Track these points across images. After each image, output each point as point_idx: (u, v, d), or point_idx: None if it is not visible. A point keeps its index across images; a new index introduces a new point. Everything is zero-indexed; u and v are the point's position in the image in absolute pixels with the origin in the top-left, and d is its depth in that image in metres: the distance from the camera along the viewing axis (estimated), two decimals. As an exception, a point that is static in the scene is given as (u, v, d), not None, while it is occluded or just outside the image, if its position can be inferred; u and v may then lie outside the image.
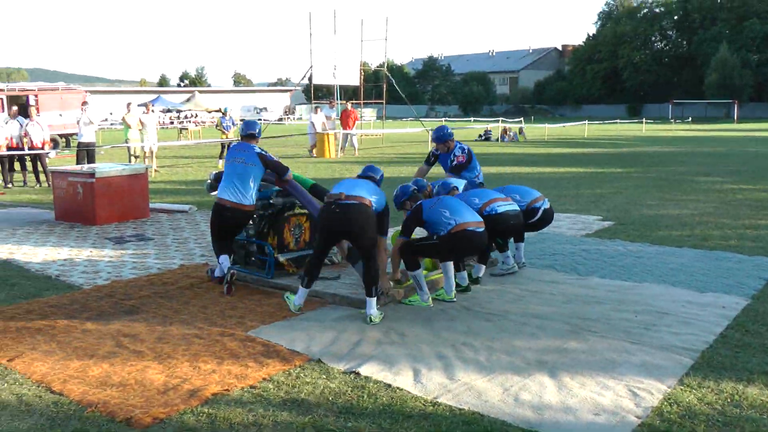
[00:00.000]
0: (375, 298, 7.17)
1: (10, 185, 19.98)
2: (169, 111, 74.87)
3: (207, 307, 7.64)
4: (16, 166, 20.89)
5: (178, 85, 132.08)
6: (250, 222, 8.96)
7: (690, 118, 77.05)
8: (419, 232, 8.00)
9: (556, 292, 8.09)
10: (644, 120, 66.48)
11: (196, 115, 76.47)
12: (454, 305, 7.59)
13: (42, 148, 20.34)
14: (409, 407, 5.04)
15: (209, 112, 76.79)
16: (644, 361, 5.89)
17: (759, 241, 10.93)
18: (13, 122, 20.39)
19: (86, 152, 20.93)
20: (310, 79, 38.56)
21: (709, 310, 7.30)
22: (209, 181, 9.27)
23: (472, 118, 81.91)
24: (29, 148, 20.19)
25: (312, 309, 7.49)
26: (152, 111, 25.15)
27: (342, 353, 6.16)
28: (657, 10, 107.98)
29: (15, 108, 21.85)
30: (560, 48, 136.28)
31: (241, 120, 21.57)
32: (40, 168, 20.52)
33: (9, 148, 19.89)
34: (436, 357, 6.05)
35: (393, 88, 45.13)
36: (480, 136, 44.70)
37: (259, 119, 72.75)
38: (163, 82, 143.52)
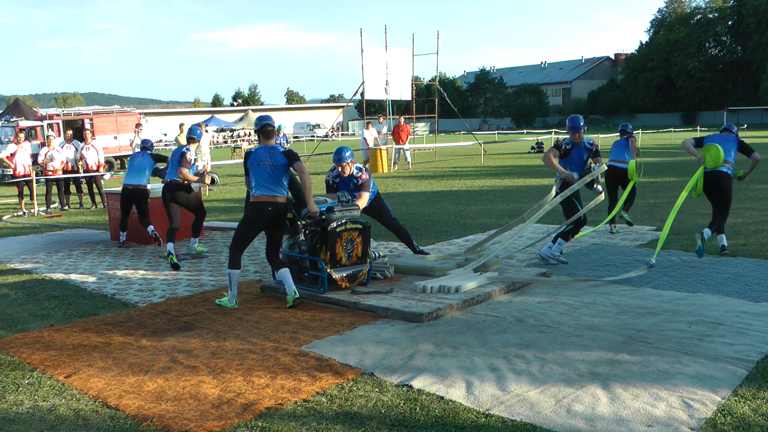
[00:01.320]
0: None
1: (66, 207, 20.39)
2: (222, 130, 75.57)
3: (260, 322, 7.72)
4: (72, 188, 21.31)
5: (231, 105, 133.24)
6: (302, 237, 9.06)
7: (745, 126, 75.87)
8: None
9: (609, 303, 8.04)
10: (698, 128, 65.68)
11: (249, 134, 77.13)
12: (506, 317, 7.58)
13: (97, 171, 20.73)
14: (461, 419, 5.05)
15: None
16: (698, 372, 5.83)
17: (817, 249, 10.75)
18: (69, 146, 20.85)
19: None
20: (362, 94, 38.70)
21: (764, 320, 7.20)
22: None
23: (525, 131, 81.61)
24: (84, 171, 20.60)
25: (365, 323, 7.53)
26: (206, 131, 25.48)
27: (394, 366, 6.19)
28: (711, 16, 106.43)
29: (70, 132, 22.28)
30: (613, 57, 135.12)
31: (294, 137, 21.78)
32: (95, 190, 20.91)
33: (65, 171, 20.32)
34: (489, 369, 6.05)
35: (445, 102, 45.18)
36: (532, 148, 44.50)
37: (312, 137, 73.29)
38: (216, 101, 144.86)
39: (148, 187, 13.05)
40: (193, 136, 12.63)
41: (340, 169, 9.98)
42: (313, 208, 8.53)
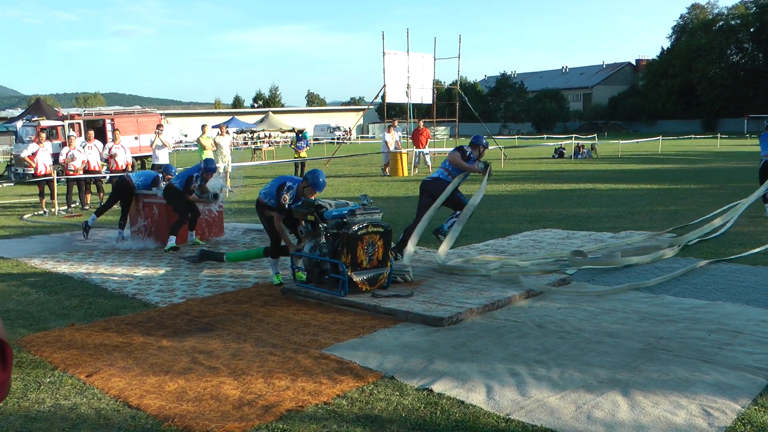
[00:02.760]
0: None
1: (87, 207, 20.49)
2: (243, 132, 75.83)
3: (281, 324, 7.75)
4: (93, 188, 21.45)
5: (252, 106, 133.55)
6: (324, 240, 9.10)
7: (766, 134, 75.48)
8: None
9: (630, 310, 8.01)
10: (719, 135, 65.36)
11: (270, 135, 77.34)
12: (526, 322, 7.58)
13: (126, 170, 20.92)
14: (481, 424, 5.06)
15: (283, 132, 77.62)
16: (718, 380, 5.81)
17: (839, 258, 10.70)
18: (90, 146, 20.97)
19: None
20: (383, 97, 38.74)
21: (785, 329, 7.17)
22: None
23: (545, 136, 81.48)
24: (114, 170, 20.79)
25: (385, 326, 7.55)
26: (227, 132, 25.63)
27: (415, 370, 6.20)
28: (733, 23, 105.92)
29: (92, 132, 22.44)
30: (634, 63, 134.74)
31: (315, 140, 22.00)
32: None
33: (86, 171, 20.45)
34: (509, 374, 6.05)
35: (466, 106, 45.17)
36: (556, 151, 44.46)
37: (332, 140, 73.36)
38: (237, 103, 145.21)
39: (135, 181, 14.09)
40: (207, 175, 13.23)
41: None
42: None
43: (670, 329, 7.23)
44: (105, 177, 21.51)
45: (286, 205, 9.46)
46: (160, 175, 13.76)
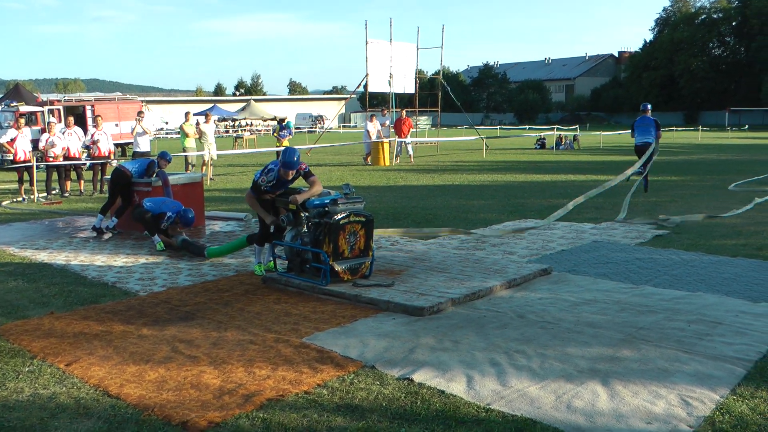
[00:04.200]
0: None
1: (66, 194, 20.36)
2: (224, 120, 75.59)
3: (262, 313, 7.73)
4: (73, 175, 21.30)
5: (234, 94, 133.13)
6: (305, 230, 9.08)
7: (747, 126, 75.92)
8: None
9: (610, 300, 8.04)
10: (700, 128, 65.67)
11: (251, 124, 77.11)
12: (507, 312, 7.59)
13: (108, 157, 20.80)
14: (462, 413, 5.07)
15: (264, 120, 77.44)
16: (697, 370, 5.85)
17: (817, 250, 10.78)
18: (71, 132, 20.82)
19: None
20: (365, 87, 38.68)
21: (763, 320, 7.21)
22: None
23: (527, 126, 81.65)
24: (96, 156, 20.68)
25: (366, 316, 7.55)
26: (213, 120, 25.54)
27: (396, 360, 6.20)
28: (715, 16, 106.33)
29: (71, 118, 22.28)
30: (616, 54, 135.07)
31: (297, 128, 21.96)
32: (99, 177, 20.95)
33: (66, 158, 20.30)
34: (490, 364, 6.07)
35: (448, 95, 45.11)
36: (537, 141, 44.57)
37: (311, 130, 73.23)
38: (219, 91, 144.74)
39: (130, 169, 13.51)
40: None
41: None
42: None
43: (650, 320, 7.27)
44: (85, 164, 21.35)
45: (263, 187, 9.38)
46: (155, 161, 13.48)
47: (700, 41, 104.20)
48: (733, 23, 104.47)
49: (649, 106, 20.23)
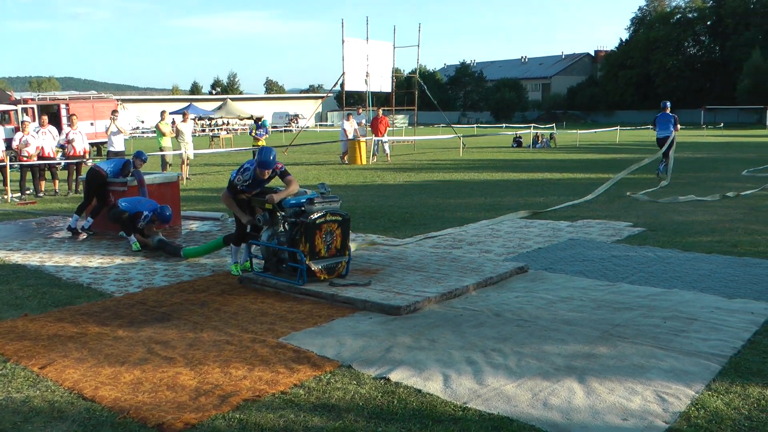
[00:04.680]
0: None
1: (41, 194, 20.20)
2: (200, 119, 75.33)
3: (238, 314, 7.71)
4: (47, 175, 21.14)
5: (210, 93, 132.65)
6: (282, 229, 9.06)
7: (722, 124, 76.38)
8: None
9: (586, 298, 8.08)
10: (651, 127, 65.98)
11: (228, 123, 76.87)
12: (483, 311, 7.60)
13: (83, 157, 20.66)
14: (438, 412, 5.07)
15: (241, 119, 77.22)
16: (672, 366, 5.88)
17: (790, 247, 10.87)
18: (45, 132, 20.64)
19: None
20: (342, 85, 38.65)
21: (738, 316, 7.27)
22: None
23: (504, 125, 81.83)
24: (71, 156, 20.52)
25: (343, 315, 7.54)
26: (190, 120, 25.41)
27: (372, 359, 6.20)
28: (690, 16, 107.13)
29: (45, 117, 22.10)
30: (593, 54, 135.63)
31: (273, 127, 21.85)
32: (74, 177, 20.80)
33: (40, 158, 20.13)
34: (466, 362, 6.07)
35: (425, 94, 45.16)
36: (514, 139, 44.69)
37: (287, 129, 73.08)
38: (195, 89, 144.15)
39: (106, 169, 13.39)
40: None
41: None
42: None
43: (627, 317, 7.30)
44: (60, 164, 21.20)
45: (239, 186, 9.35)
46: (131, 161, 13.37)
47: (675, 40, 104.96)
48: (708, 23, 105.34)
49: (668, 104, 22.93)
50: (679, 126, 22.74)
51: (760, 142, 45.49)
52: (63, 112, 35.55)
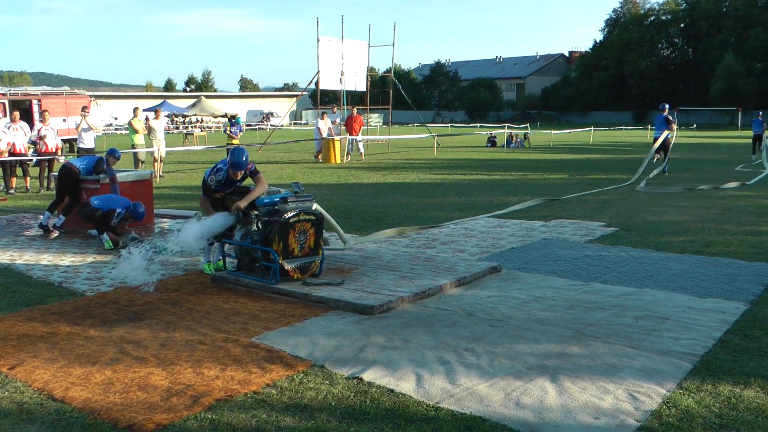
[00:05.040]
0: None
1: (12, 191, 19.97)
2: (174, 116, 74.99)
3: (211, 313, 7.67)
4: (18, 172, 20.92)
5: (184, 90, 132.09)
6: (255, 228, 9.03)
7: (695, 125, 76.98)
8: None
9: (559, 297, 8.10)
10: (649, 126, 66.36)
11: (202, 120, 76.58)
12: (456, 311, 7.61)
13: (55, 153, 20.48)
14: (411, 412, 5.06)
15: (215, 117, 76.96)
16: (644, 365, 5.91)
17: (759, 247, 10.95)
18: (16, 128, 20.38)
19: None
20: (316, 84, 38.61)
21: (710, 316, 7.32)
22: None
23: (478, 124, 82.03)
24: (43, 152, 20.33)
25: (316, 315, 7.52)
26: (163, 117, 25.26)
27: (345, 359, 6.19)
28: (664, 18, 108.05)
29: (17, 113, 21.88)
30: (567, 54, 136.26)
31: (247, 125, 21.76)
32: (45, 174, 20.62)
33: (11, 154, 19.93)
34: (439, 362, 6.07)
35: (399, 93, 45.17)
36: (489, 140, 44.83)
37: (260, 127, 72.84)
38: (169, 86, 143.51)
39: (78, 166, 13.20)
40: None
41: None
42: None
43: (599, 316, 7.33)
44: (31, 160, 21.00)
45: (212, 186, 9.32)
46: (104, 158, 13.24)
47: (649, 42, 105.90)
48: (682, 25, 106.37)
49: (667, 106, 25.52)
50: (674, 126, 25.43)
51: (732, 143, 45.86)
52: (35, 108, 35.18)
